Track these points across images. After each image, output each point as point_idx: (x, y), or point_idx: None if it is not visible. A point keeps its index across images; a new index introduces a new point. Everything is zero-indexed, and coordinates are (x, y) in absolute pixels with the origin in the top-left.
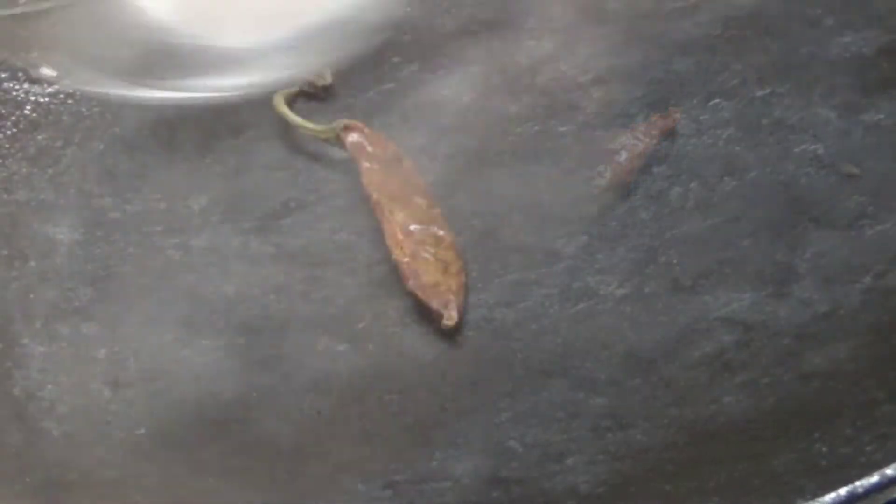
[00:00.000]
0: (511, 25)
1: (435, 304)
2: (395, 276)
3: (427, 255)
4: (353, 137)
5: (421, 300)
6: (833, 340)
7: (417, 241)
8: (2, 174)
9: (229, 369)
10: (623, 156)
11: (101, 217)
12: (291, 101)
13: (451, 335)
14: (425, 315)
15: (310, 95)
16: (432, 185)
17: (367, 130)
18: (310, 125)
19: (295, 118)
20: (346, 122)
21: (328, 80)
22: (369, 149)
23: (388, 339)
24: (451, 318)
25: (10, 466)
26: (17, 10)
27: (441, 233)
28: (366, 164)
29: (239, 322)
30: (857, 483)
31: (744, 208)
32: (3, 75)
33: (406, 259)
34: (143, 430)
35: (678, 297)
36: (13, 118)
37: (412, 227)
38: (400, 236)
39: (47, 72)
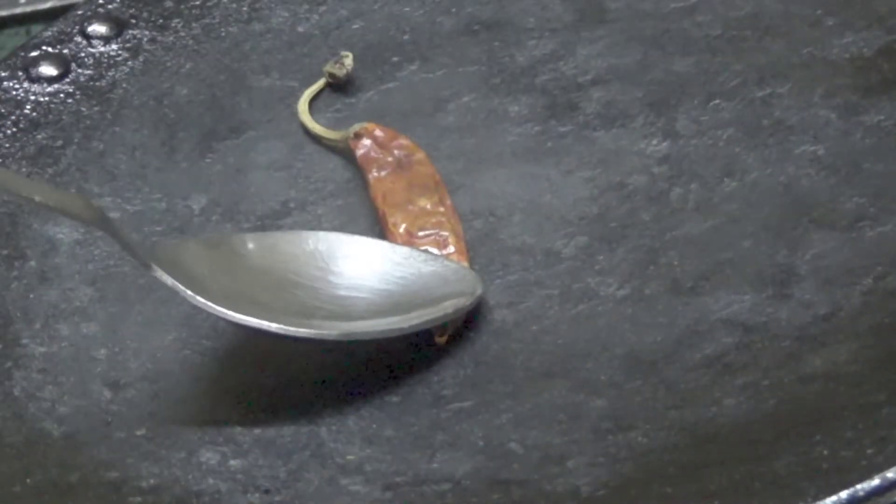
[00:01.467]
0: (511, 25)
1: None
2: None
3: None
4: (362, 149)
5: None
6: (834, 342)
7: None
8: None
9: (229, 369)
10: None
11: None
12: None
13: (450, 336)
14: None
15: (333, 87)
16: None
17: (377, 132)
18: (330, 135)
19: (315, 126)
20: (356, 128)
21: (349, 66)
22: (378, 156)
23: (388, 339)
24: (442, 335)
25: (10, 467)
26: (17, 10)
27: (445, 233)
28: (374, 174)
29: None
30: (858, 486)
31: (744, 209)
32: (3, 74)
33: None
34: (143, 431)
35: (679, 299)
36: (13, 118)
37: (418, 234)
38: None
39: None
